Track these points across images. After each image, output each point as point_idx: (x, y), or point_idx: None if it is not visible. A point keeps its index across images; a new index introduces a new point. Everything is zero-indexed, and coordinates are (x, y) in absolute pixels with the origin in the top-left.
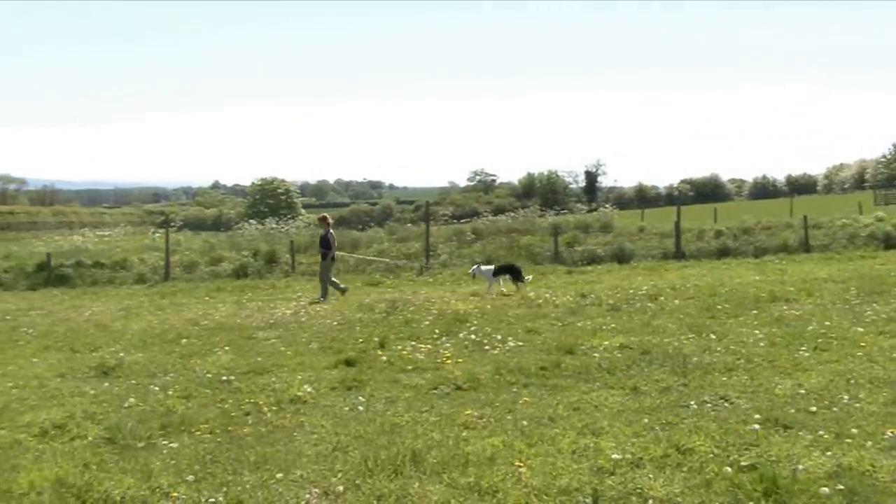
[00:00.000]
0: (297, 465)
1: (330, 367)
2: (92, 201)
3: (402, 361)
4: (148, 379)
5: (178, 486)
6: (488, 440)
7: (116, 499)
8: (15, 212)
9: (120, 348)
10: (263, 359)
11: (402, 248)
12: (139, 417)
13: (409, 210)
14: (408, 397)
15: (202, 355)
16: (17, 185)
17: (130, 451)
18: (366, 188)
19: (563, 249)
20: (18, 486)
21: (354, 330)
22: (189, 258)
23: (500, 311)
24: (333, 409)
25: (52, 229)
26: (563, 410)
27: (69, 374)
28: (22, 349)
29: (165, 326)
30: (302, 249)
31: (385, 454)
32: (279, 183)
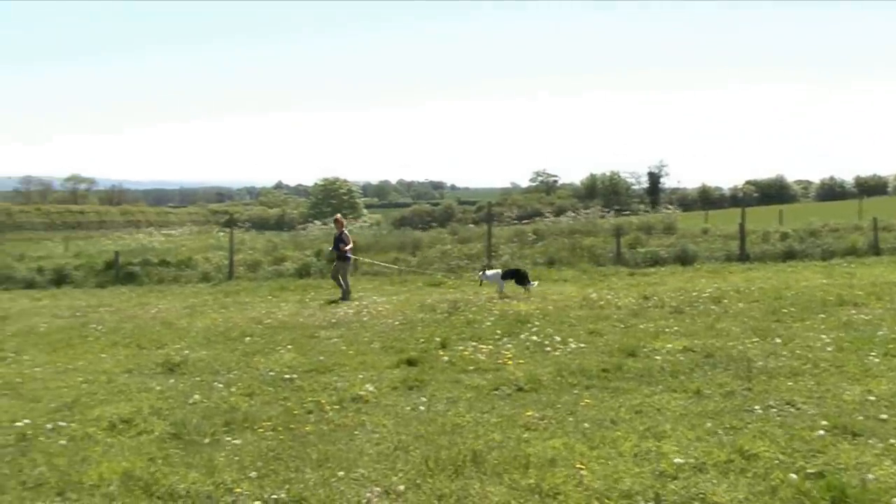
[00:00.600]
0: (359, 464)
1: (391, 367)
2: (158, 201)
3: (463, 362)
4: (212, 376)
5: (242, 482)
6: (549, 442)
7: (181, 493)
8: (85, 211)
9: (185, 346)
10: (326, 358)
11: (464, 248)
12: (203, 414)
13: (471, 211)
14: (469, 398)
15: (265, 353)
16: (86, 185)
17: (195, 446)
18: (428, 188)
19: (626, 251)
20: (88, 478)
21: (416, 330)
22: (253, 257)
23: (561, 313)
24: (395, 408)
25: (120, 228)
26: (625, 413)
27: (136, 370)
28: (91, 345)
29: (229, 324)
30: (364, 249)
31: (446, 454)
32: (341, 183)
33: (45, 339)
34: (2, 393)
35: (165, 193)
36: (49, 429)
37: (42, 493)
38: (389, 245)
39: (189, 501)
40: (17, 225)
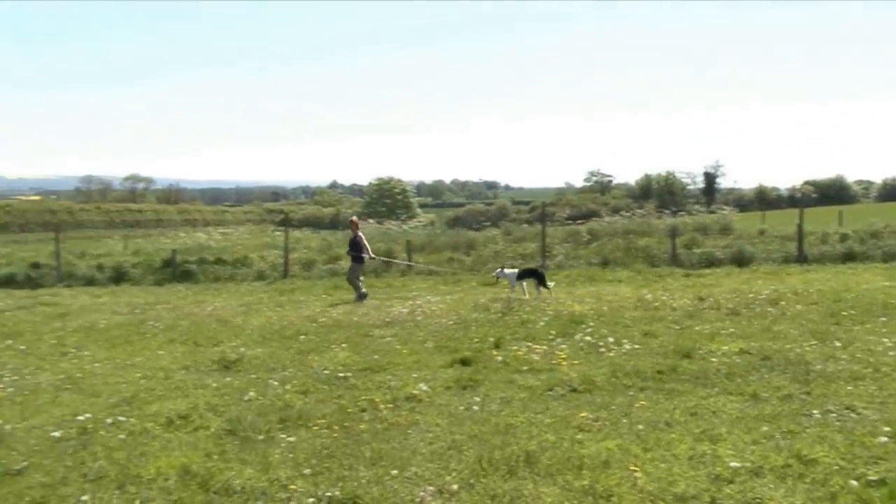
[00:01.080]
0: (412, 463)
1: (445, 367)
2: (214, 200)
3: (517, 362)
4: (267, 374)
5: (296, 479)
6: (603, 443)
7: (237, 488)
8: (143, 210)
9: (240, 343)
10: (380, 356)
11: (518, 248)
12: (259, 411)
13: (525, 210)
14: (523, 398)
15: (320, 352)
16: (145, 184)
17: (250, 443)
18: (481, 188)
19: (681, 252)
20: (147, 472)
21: (470, 329)
22: (307, 256)
23: (616, 314)
24: (448, 408)
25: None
26: (680, 415)
27: (193, 366)
28: (149, 342)
29: (284, 323)
30: (418, 248)
31: (499, 454)
32: (396, 183)
33: (104, 336)
34: (64, 387)
35: (221, 193)
36: (109, 423)
37: (102, 486)
38: (443, 244)
39: (244, 497)
40: (79, 223)
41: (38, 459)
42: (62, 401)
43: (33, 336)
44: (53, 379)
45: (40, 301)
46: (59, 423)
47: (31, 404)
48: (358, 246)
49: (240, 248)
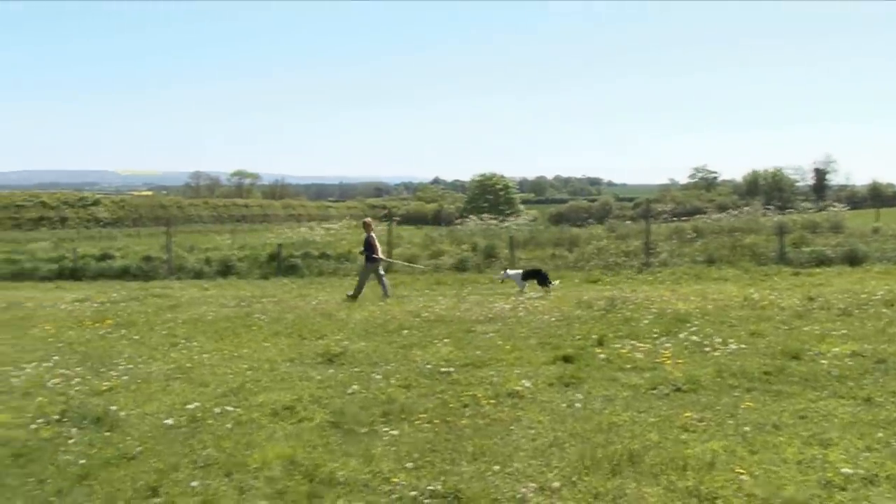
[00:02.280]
0: (514, 459)
1: (548, 363)
2: (318, 195)
3: (620, 360)
4: (370, 367)
5: (399, 472)
6: (708, 444)
7: (340, 480)
8: (249, 205)
9: (344, 337)
10: (482, 352)
11: (622, 245)
12: (362, 404)
13: (629, 207)
14: (626, 396)
15: (422, 346)
16: (251, 179)
17: (353, 435)
18: (584, 184)
19: (789, 250)
20: (253, 461)
21: (573, 326)
22: (410, 251)
23: (721, 312)
24: (551, 404)
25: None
26: (789, 418)
27: (297, 359)
28: (255, 334)
29: (387, 317)
30: (521, 245)
31: (602, 453)
32: (498, 179)
33: (212, 327)
34: (174, 376)
35: (325, 188)
36: (217, 412)
37: (211, 473)
38: (546, 241)
39: (347, 489)
40: (188, 218)
41: (151, 445)
42: (173, 389)
43: (146, 327)
44: (164, 368)
45: (152, 293)
46: (170, 410)
47: (144, 392)
48: (371, 246)
49: (343, 242)
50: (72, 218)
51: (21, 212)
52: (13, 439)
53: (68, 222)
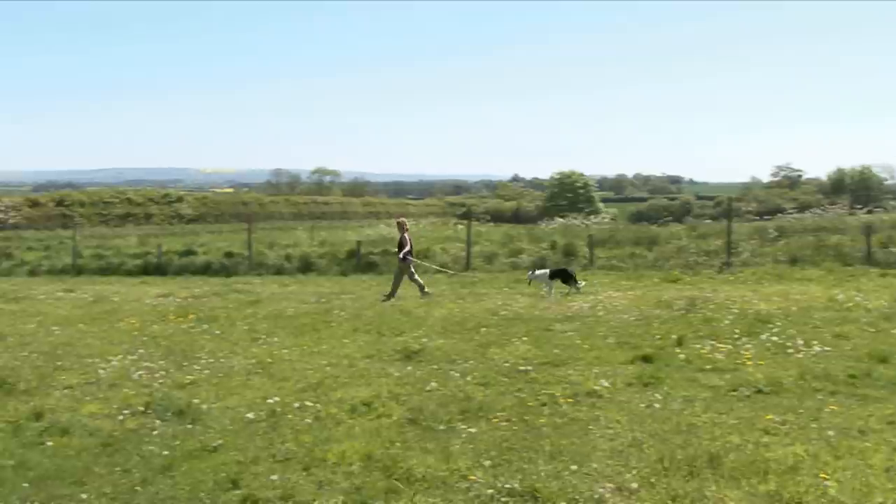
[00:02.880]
0: (592, 459)
1: (626, 363)
2: (397, 193)
3: (700, 360)
4: (448, 365)
5: (476, 470)
6: (790, 448)
7: (418, 476)
8: (329, 202)
9: (422, 334)
10: (560, 351)
11: (702, 244)
12: (440, 401)
13: (710, 206)
14: (706, 397)
15: (500, 344)
16: (332, 176)
17: (431, 432)
18: (665, 183)
19: (877, 250)
20: (332, 456)
21: (652, 326)
22: (489, 249)
23: (805, 314)
24: (629, 404)
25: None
26: (876, 423)
27: (376, 355)
28: (334, 330)
29: (466, 315)
30: (600, 243)
31: (681, 454)
32: (577, 177)
33: (292, 323)
34: (255, 371)
35: (404, 186)
36: (296, 407)
37: (290, 467)
38: (625, 239)
39: (425, 485)
40: (269, 215)
41: (232, 438)
42: (253, 384)
43: (227, 322)
44: (245, 363)
45: (233, 288)
46: (250, 405)
47: (225, 386)
48: (403, 246)
49: (422, 240)
50: (156, 214)
51: (108, 208)
52: (101, 429)
53: (153, 219)
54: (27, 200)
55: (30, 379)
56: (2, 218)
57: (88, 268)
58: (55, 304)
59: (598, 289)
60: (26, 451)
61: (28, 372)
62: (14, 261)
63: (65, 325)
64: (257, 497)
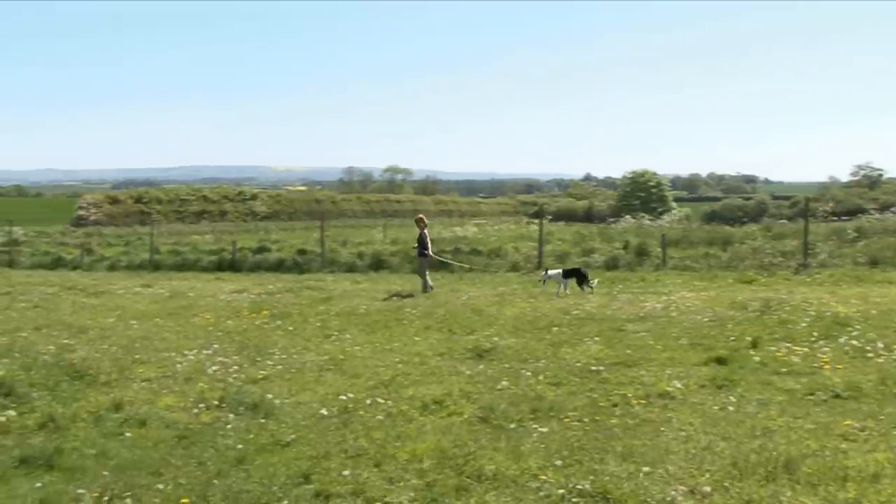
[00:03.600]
0: (665, 461)
1: (700, 364)
2: (469, 192)
3: (775, 363)
4: (520, 364)
5: (547, 470)
6: (871, 455)
7: (489, 475)
8: (401, 200)
9: (494, 332)
10: (632, 351)
11: (778, 245)
12: (511, 400)
13: (786, 206)
14: (781, 401)
15: (572, 344)
16: (404, 175)
17: (502, 431)
18: (739, 182)
19: None
20: (403, 453)
21: (726, 328)
22: (561, 248)
23: (885, 317)
24: (702, 407)
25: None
26: None
27: (447, 353)
28: (406, 328)
29: (537, 314)
30: (673, 243)
31: (756, 458)
32: (650, 176)
33: (364, 320)
34: (327, 367)
35: (476, 184)
36: (368, 404)
37: (361, 463)
38: (699, 239)
39: (496, 484)
40: (341, 212)
41: (304, 433)
42: (325, 380)
43: (300, 318)
44: (318, 359)
45: (306, 285)
46: (322, 400)
47: (298, 382)
48: (422, 243)
49: (494, 239)
50: (231, 212)
51: (185, 206)
52: (177, 422)
53: (228, 216)
54: (108, 198)
55: (110, 371)
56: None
57: (165, 263)
58: (133, 298)
59: (670, 289)
60: (107, 441)
61: (108, 364)
62: (95, 256)
63: (142, 319)
64: (329, 492)
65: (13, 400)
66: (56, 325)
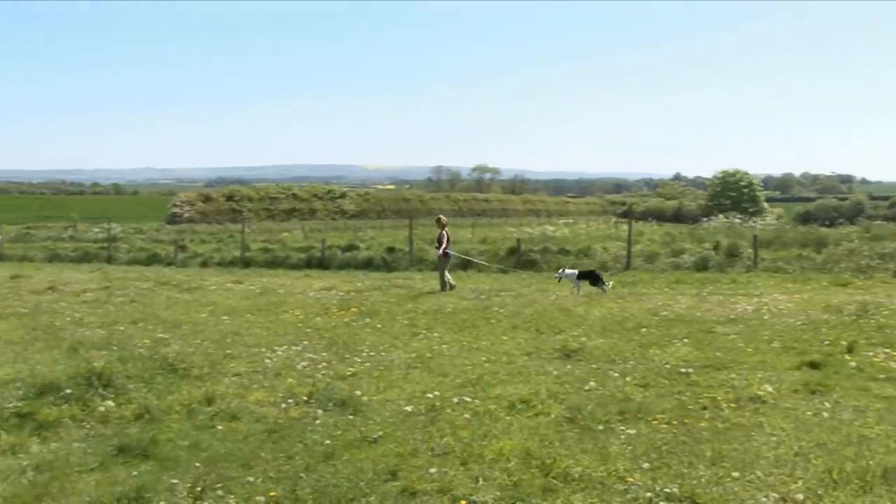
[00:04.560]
0: (755, 467)
1: (792, 368)
2: (557, 191)
3: (873, 369)
4: (607, 364)
5: (634, 472)
6: None
7: (575, 476)
8: (489, 199)
9: (581, 333)
10: (723, 354)
11: (876, 246)
12: (598, 401)
13: (884, 206)
14: (879, 408)
15: (661, 345)
16: (491, 174)
17: (589, 432)
18: (834, 182)
19: None
20: (489, 452)
21: (820, 331)
22: (650, 249)
23: None
24: (795, 412)
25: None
26: None
27: (535, 353)
28: (493, 327)
29: (625, 315)
30: (765, 244)
31: (851, 467)
32: (741, 175)
33: (451, 319)
34: (414, 365)
35: (564, 184)
36: (455, 402)
37: (448, 461)
38: (792, 241)
39: (582, 485)
40: (429, 211)
41: (392, 430)
42: (413, 378)
43: (388, 316)
44: (405, 357)
45: (394, 283)
46: (409, 398)
47: (386, 379)
48: (440, 243)
49: (583, 238)
50: (320, 210)
51: (275, 204)
52: (267, 416)
53: (317, 214)
54: (200, 196)
55: (202, 365)
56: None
57: (256, 260)
58: (225, 294)
59: (762, 291)
60: (199, 434)
61: (200, 359)
62: (188, 253)
63: (233, 314)
64: (415, 489)
65: (111, 391)
66: (151, 320)
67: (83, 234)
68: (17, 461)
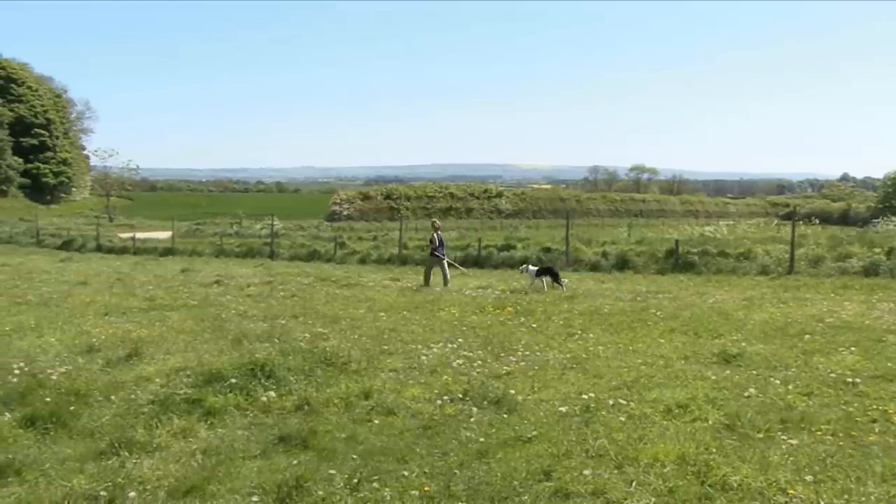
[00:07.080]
0: None
1: None
2: (717, 192)
3: None
4: (768, 371)
5: (796, 484)
6: None
7: (733, 485)
8: (646, 199)
9: (741, 338)
10: (894, 364)
11: None
12: (758, 408)
13: None
14: None
15: (825, 353)
16: (649, 174)
17: (748, 440)
18: None
19: None
20: (644, 456)
21: None
22: (815, 252)
23: None
24: None
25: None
26: None
27: (692, 357)
28: (650, 329)
29: (788, 320)
30: None
31: None
32: None
33: (607, 320)
34: (570, 366)
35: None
36: (610, 404)
37: (602, 463)
38: None
39: (740, 495)
40: (585, 211)
41: (545, 430)
42: (567, 378)
43: (543, 316)
44: (560, 357)
45: (550, 283)
46: (564, 398)
47: (541, 379)
48: (432, 244)
49: (744, 240)
50: (476, 209)
51: (432, 202)
52: (422, 412)
53: (473, 213)
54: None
55: (360, 360)
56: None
57: (412, 258)
58: (382, 291)
59: None
60: (356, 427)
61: (358, 354)
62: (346, 250)
63: (390, 311)
64: (569, 490)
65: (273, 382)
66: (311, 314)
67: (247, 230)
68: (187, 444)
